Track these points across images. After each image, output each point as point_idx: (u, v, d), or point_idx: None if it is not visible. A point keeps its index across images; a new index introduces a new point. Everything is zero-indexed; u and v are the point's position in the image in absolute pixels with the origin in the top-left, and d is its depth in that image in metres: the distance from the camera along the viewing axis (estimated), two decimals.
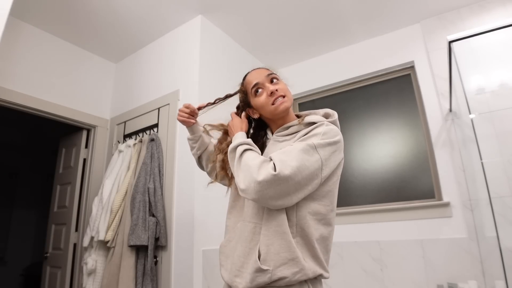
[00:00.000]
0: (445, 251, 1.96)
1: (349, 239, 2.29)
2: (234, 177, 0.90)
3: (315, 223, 0.87)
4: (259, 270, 0.82)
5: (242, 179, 0.84)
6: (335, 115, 1.02)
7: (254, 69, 1.08)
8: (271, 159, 0.84)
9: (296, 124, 0.99)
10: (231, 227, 1.01)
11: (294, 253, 0.82)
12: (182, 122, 1.14)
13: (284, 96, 0.98)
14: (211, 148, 1.21)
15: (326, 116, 1.02)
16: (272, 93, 0.97)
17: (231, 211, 1.04)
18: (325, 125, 0.92)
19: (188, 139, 1.20)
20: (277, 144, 1.00)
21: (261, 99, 1.00)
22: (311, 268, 0.84)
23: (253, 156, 0.87)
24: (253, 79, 1.02)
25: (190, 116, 1.13)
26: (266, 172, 0.79)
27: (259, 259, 0.83)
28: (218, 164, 1.10)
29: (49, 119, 2.39)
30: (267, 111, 1.00)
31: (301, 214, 0.86)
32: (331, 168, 0.88)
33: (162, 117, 2.25)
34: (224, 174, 1.09)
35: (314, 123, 0.95)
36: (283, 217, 0.85)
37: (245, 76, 1.08)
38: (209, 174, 1.24)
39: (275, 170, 0.79)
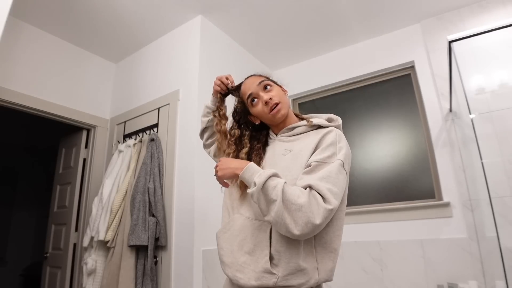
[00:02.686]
0: (445, 251, 1.96)
1: (349, 239, 2.28)
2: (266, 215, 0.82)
3: (335, 230, 0.91)
4: (268, 272, 0.83)
5: (293, 223, 0.77)
6: (339, 120, 1.05)
7: (247, 78, 1.09)
8: (311, 188, 0.81)
9: (303, 125, 1.01)
10: (225, 215, 1.03)
11: (304, 264, 0.84)
12: (216, 87, 1.14)
13: (278, 103, 0.99)
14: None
15: (329, 120, 1.04)
16: (266, 103, 1.00)
17: (229, 200, 1.04)
18: (335, 132, 0.95)
19: (207, 106, 1.19)
20: (283, 144, 1.02)
21: (258, 109, 1.03)
22: (320, 280, 0.86)
23: (295, 192, 0.80)
24: (246, 90, 1.05)
25: (224, 88, 1.12)
26: (322, 211, 0.78)
27: (270, 261, 0.84)
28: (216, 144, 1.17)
29: (49, 119, 2.39)
30: (266, 119, 1.04)
31: None
32: (348, 177, 0.92)
33: (162, 117, 2.25)
34: (219, 153, 1.17)
35: (320, 126, 0.99)
36: None
37: (240, 86, 1.10)
38: (205, 146, 1.27)
39: (327, 203, 0.79)
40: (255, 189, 0.81)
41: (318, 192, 0.80)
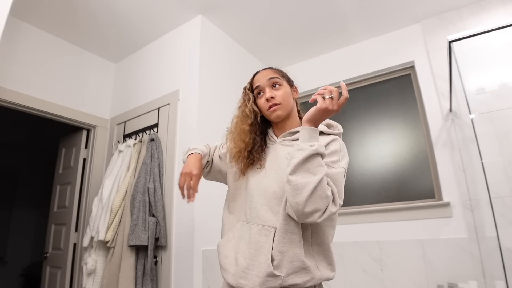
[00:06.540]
0: (445, 251, 1.96)
1: (349, 239, 2.28)
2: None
3: (328, 228, 0.93)
4: (271, 275, 0.83)
5: (310, 201, 0.78)
6: (339, 127, 1.05)
7: (262, 69, 1.10)
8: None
9: None
10: (228, 226, 1.02)
11: (307, 262, 0.85)
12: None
13: (278, 104, 1.00)
14: (216, 162, 1.18)
15: (328, 126, 1.04)
16: (267, 100, 1.00)
17: (230, 210, 1.04)
18: (339, 141, 0.97)
19: (202, 152, 1.16)
20: (285, 148, 1.01)
21: (260, 102, 1.04)
22: (322, 276, 0.88)
23: (327, 183, 0.84)
24: (256, 81, 1.06)
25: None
26: (328, 212, 0.81)
27: (272, 264, 0.84)
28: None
29: (49, 119, 2.39)
30: (264, 114, 1.05)
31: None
32: None
33: (162, 117, 2.25)
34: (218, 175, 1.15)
35: (321, 132, 0.99)
36: (299, 226, 0.87)
37: (254, 74, 1.10)
38: (207, 176, 1.22)
39: (335, 205, 0.84)
40: (312, 150, 0.80)
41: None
